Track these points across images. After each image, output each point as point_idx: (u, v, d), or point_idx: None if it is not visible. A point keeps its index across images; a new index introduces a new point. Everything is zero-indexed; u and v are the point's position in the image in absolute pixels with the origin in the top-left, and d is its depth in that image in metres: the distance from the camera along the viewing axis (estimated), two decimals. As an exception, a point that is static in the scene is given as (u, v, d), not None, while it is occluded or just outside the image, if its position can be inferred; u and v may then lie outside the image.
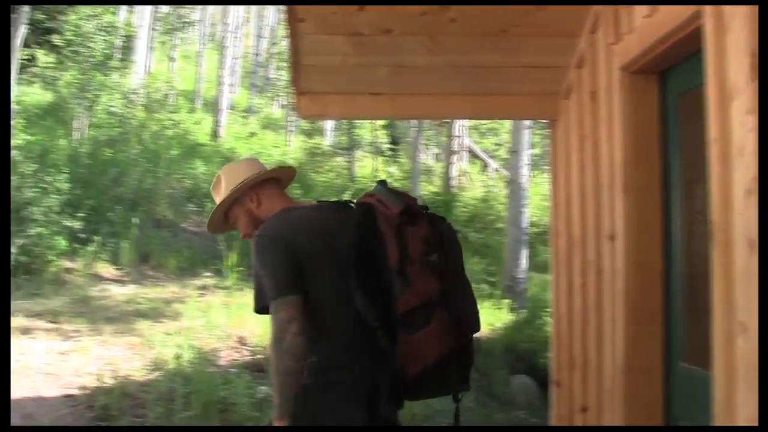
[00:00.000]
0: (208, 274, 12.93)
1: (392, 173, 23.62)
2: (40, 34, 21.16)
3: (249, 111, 29.72)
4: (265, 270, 3.06)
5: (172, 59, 30.61)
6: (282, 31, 32.51)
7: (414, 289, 2.97)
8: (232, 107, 27.21)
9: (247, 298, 11.06)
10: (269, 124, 28.54)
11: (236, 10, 28.52)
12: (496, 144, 26.26)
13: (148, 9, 26.72)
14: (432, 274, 3.04)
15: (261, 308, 3.13)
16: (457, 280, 3.17)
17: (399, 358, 2.96)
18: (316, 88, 5.27)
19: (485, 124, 25.58)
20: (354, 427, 3.02)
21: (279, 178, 3.52)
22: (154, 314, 10.12)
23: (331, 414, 3.03)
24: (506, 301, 12.63)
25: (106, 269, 12.83)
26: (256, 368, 7.94)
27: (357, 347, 3.04)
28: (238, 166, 3.48)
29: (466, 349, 3.16)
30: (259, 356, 8.32)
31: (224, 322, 9.40)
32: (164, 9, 30.19)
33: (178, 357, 7.92)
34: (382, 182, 3.35)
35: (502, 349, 9.90)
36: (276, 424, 2.99)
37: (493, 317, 11.55)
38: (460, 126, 22.15)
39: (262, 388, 7.38)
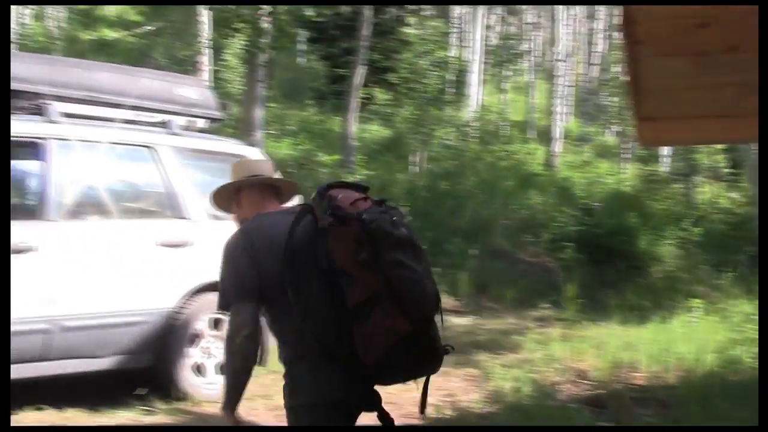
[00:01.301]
0: (546, 305, 12.82)
1: (734, 199, 22.51)
2: (377, 74, 22.07)
3: (582, 139, 29.43)
4: (229, 274, 3.48)
5: (503, 91, 30.95)
6: (612, 57, 32.01)
7: (358, 285, 3.21)
8: (564, 136, 27.05)
9: (588, 330, 10.84)
10: (603, 152, 28.10)
11: (566, 39, 28.39)
12: None
13: (478, 43, 27.16)
14: (370, 270, 3.23)
15: (223, 307, 3.51)
16: (395, 272, 3.25)
17: (357, 348, 3.21)
18: (657, 113, 5.02)
19: (838, 142, 23.75)
20: (359, 426, 3.43)
21: (277, 186, 3.84)
22: (492, 345, 10.15)
23: (317, 391, 3.33)
24: None
25: (445, 300, 13.05)
26: (596, 404, 7.70)
27: (334, 336, 3.27)
28: (240, 167, 3.88)
29: (419, 335, 3.29)
30: (600, 391, 8.07)
31: (563, 354, 9.23)
32: (494, 42, 30.60)
33: (517, 390, 7.86)
34: (319, 189, 3.47)
35: None
36: (222, 414, 3.42)
37: None
38: (809, 146, 20.74)
39: (603, 424, 7.17)
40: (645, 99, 4.83)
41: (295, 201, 4.05)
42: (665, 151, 25.85)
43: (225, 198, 3.82)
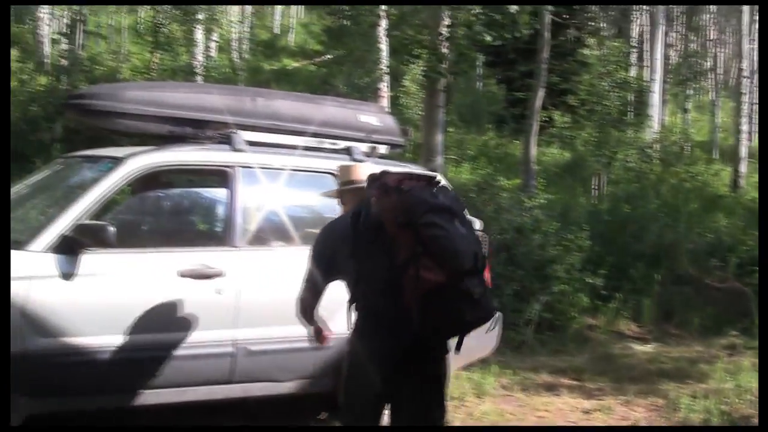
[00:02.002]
0: (735, 332, 12.34)
1: None
2: (556, 96, 21.89)
3: (769, 159, 28.32)
4: (309, 258, 4.62)
5: (685, 110, 30.17)
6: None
7: (402, 245, 3.96)
8: (751, 156, 26.10)
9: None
10: (793, 172, 26.94)
11: (752, 55, 27.44)
12: None
13: (659, 62, 26.54)
14: (408, 231, 3.94)
15: None
16: (427, 232, 3.92)
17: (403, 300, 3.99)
18: None
19: None
20: (374, 427, 4.40)
21: None
22: (678, 374, 9.85)
23: (371, 335, 4.36)
24: None
25: (628, 326, 12.79)
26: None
27: (387, 297, 4.11)
28: (342, 172, 4.98)
29: (455, 287, 3.90)
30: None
31: (755, 386, 8.86)
32: (675, 60, 29.84)
33: (706, 422, 7.61)
34: (372, 175, 4.37)
35: None
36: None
37: None
38: None
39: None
40: None
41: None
42: None
43: (332, 196, 5.10)
